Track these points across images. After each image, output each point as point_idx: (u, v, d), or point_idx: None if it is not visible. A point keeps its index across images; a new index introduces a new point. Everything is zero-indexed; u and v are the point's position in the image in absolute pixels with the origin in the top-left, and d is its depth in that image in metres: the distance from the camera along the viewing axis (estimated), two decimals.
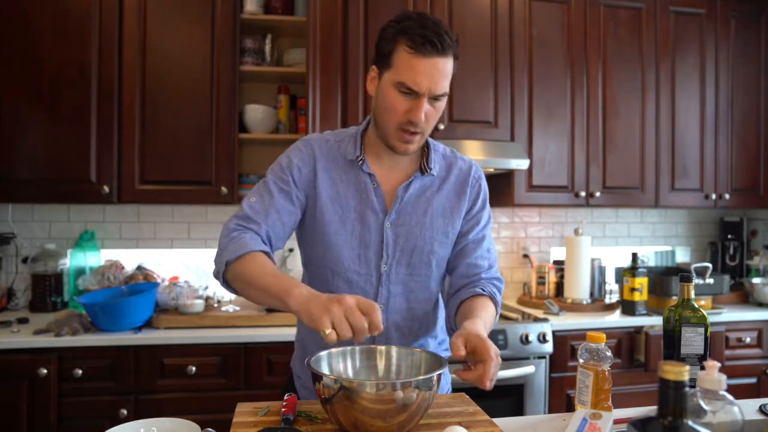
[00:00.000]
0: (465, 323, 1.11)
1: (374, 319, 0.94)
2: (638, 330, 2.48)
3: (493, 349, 1.00)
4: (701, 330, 1.20)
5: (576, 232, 2.70)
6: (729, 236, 3.20)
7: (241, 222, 1.18)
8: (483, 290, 1.26)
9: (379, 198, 1.25)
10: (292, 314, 1.05)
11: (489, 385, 0.98)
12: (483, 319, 1.15)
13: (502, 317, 2.52)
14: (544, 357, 2.35)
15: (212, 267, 1.18)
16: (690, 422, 0.69)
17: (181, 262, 2.72)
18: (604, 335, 1.14)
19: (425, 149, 1.30)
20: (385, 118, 1.19)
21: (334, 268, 1.25)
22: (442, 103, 1.19)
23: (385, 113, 1.18)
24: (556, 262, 2.88)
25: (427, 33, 1.10)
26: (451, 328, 1.31)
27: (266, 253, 1.14)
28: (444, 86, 1.15)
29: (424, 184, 1.28)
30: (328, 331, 0.92)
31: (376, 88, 1.21)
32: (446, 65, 1.14)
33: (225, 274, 1.14)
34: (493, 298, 1.26)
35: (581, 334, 2.39)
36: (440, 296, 1.39)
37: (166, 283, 2.39)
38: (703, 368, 0.97)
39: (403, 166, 1.28)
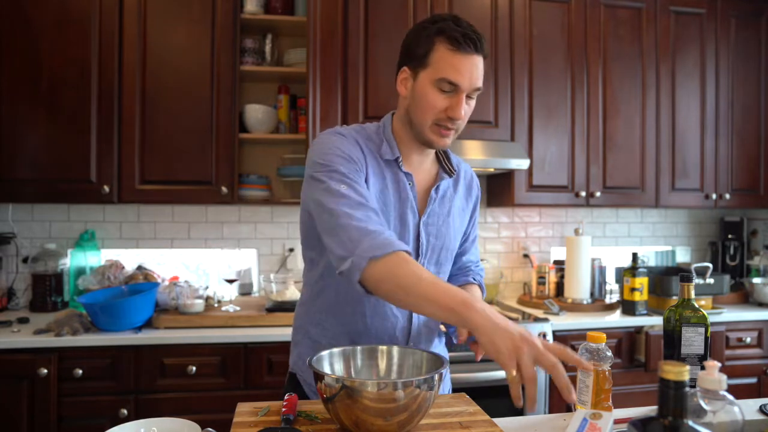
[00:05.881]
0: None
1: (569, 356, 0.89)
2: (638, 330, 2.48)
3: None
4: (701, 330, 1.20)
5: (576, 232, 2.70)
6: (729, 236, 3.20)
7: (366, 211, 1.06)
8: (474, 279, 1.43)
9: (415, 198, 1.26)
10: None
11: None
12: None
13: None
14: None
15: (336, 255, 1.04)
16: (690, 422, 0.69)
17: (181, 262, 2.72)
18: (605, 335, 1.14)
19: (444, 151, 1.34)
20: (421, 115, 1.19)
21: None
22: (474, 101, 1.22)
23: (423, 111, 1.18)
24: (556, 262, 2.88)
25: (466, 31, 1.14)
26: None
27: (410, 252, 1.05)
28: (481, 83, 1.18)
29: (446, 185, 1.32)
30: (515, 373, 0.87)
31: (410, 88, 1.21)
32: (481, 63, 1.18)
33: (363, 271, 1.01)
34: (481, 287, 1.45)
35: (581, 334, 2.39)
36: None
37: (166, 283, 2.39)
38: (703, 368, 0.97)
39: (427, 167, 1.31)
